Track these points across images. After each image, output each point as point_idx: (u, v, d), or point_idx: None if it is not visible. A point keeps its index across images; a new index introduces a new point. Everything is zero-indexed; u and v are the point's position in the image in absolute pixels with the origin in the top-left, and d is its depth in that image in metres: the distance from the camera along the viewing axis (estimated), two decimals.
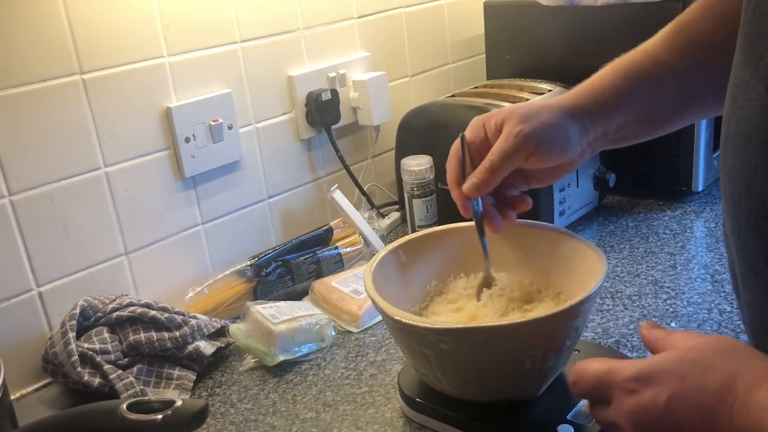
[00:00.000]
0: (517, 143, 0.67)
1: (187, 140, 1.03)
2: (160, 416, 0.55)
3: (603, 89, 0.70)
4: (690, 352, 0.52)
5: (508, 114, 0.69)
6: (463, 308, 0.77)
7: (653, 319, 0.90)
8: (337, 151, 1.23)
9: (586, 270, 0.71)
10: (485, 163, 0.69)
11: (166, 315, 0.90)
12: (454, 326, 0.65)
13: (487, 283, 0.78)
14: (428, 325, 0.65)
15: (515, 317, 0.73)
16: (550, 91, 1.19)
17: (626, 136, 0.72)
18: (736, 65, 0.52)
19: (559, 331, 0.66)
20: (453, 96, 1.24)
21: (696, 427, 0.49)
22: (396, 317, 0.67)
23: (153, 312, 0.89)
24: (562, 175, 0.74)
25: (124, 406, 0.55)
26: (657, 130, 0.74)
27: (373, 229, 1.18)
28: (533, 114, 0.68)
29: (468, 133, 0.72)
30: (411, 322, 0.66)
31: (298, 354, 0.92)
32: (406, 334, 0.68)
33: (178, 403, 0.55)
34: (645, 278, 1.00)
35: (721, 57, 0.66)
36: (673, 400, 0.50)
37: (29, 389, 0.92)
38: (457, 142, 0.72)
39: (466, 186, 0.70)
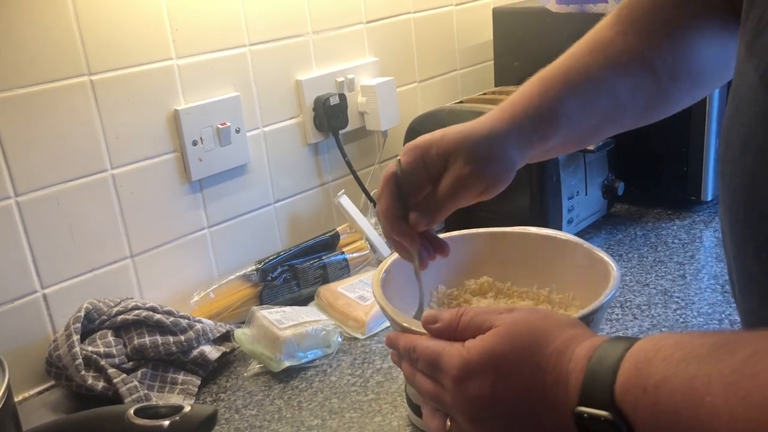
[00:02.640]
0: (469, 184, 0.65)
1: (195, 143, 1.02)
2: (167, 422, 0.54)
3: (541, 112, 0.67)
4: (499, 340, 0.50)
5: (455, 147, 0.65)
6: None
7: (664, 330, 0.89)
8: (344, 156, 1.22)
9: (597, 279, 0.70)
10: (439, 199, 0.66)
11: (171, 319, 0.89)
12: None
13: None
14: None
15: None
16: None
17: (549, 152, 0.71)
18: (738, 74, 0.52)
19: None
20: (461, 102, 1.24)
21: (523, 413, 0.48)
22: (405, 324, 0.66)
23: (158, 316, 0.89)
24: (491, 196, 0.69)
25: (132, 411, 0.54)
26: (578, 146, 0.75)
27: (380, 235, 1.17)
28: (481, 150, 0.65)
29: (404, 160, 0.67)
30: (421, 329, 0.65)
31: (304, 360, 0.91)
32: None
33: (187, 408, 0.54)
34: (654, 288, 1.00)
35: (645, 74, 0.67)
36: (496, 389, 0.49)
37: (32, 392, 0.91)
38: (387, 172, 0.67)
39: (415, 217, 0.66)
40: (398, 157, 0.67)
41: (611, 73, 0.68)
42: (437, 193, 0.66)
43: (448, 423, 0.54)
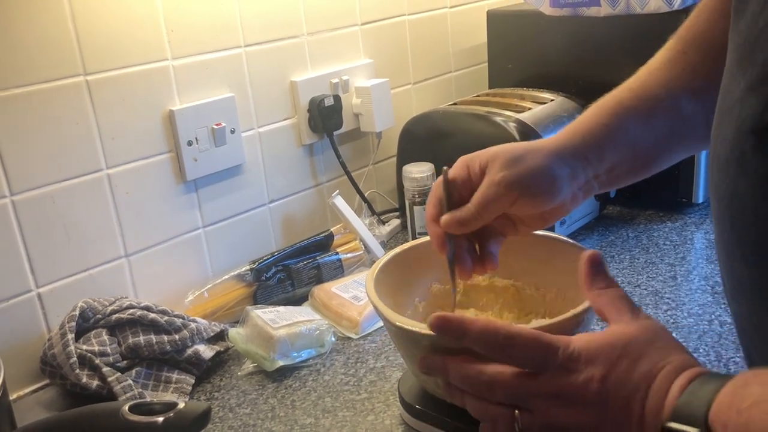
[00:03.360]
0: (498, 191, 0.64)
1: (190, 143, 1.03)
2: (161, 418, 0.54)
3: (592, 128, 0.67)
4: (623, 339, 0.53)
5: (493, 157, 0.66)
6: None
7: None
8: (338, 157, 1.23)
9: None
10: (467, 209, 0.66)
11: (166, 318, 0.90)
12: None
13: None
14: (431, 332, 0.65)
15: (519, 325, 0.73)
16: (552, 100, 1.19)
17: (619, 176, 0.70)
18: (722, 89, 0.53)
19: None
20: (455, 104, 1.24)
21: (618, 411, 0.50)
22: (398, 323, 0.66)
23: (152, 315, 0.89)
24: (551, 221, 0.70)
25: (126, 408, 0.54)
26: (648, 169, 0.72)
27: (374, 235, 1.18)
28: (519, 158, 0.65)
29: (452, 170, 0.68)
30: (414, 329, 0.66)
31: (298, 359, 0.92)
32: (409, 341, 0.68)
33: (181, 405, 0.55)
34: (645, 289, 1.00)
35: (709, 89, 0.67)
36: (608, 379, 0.50)
37: (27, 390, 0.92)
38: (438, 180, 0.69)
39: (444, 218, 0.66)
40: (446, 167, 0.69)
41: (673, 90, 0.68)
42: (472, 199, 0.66)
43: (517, 413, 0.53)
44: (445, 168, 0.68)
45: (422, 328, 0.66)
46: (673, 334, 0.88)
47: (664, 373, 0.49)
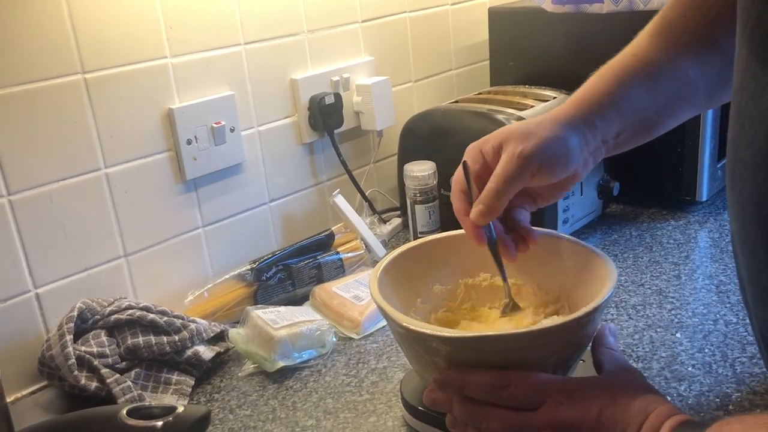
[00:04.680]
0: (519, 164, 0.65)
1: (189, 142, 1.02)
2: (160, 423, 0.54)
3: (599, 96, 0.69)
4: (617, 378, 0.62)
5: (506, 136, 0.67)
6: (478, 317, 0.76)
7: (659, 330, 0.89)
8: (339, 155, 1.22)
9: (594, 278, 0.70)
10: (490, 189, 0.66)
11: (165, 319, 0.89)
12: (465, 335, 0.64)
13: (513, 307, 0.76)
14: (440, 334, 0.64)
15: (527, 326, 0.72)
16: (554, 98, 1.18)
17: (625, 141, 0.71)
18: (739, 93, 0.52)
19: (569, 340, 0.65)
20: (456, 102, 1.23)
21: None
22: (404, 324, 0.65)
23: (152, 315, 0.88)
24: (567, 189, 0.73)
25: (124, 412, 0.54)
26: (653, 132, 0.73)
27: (375, 234, 1.17)
28: (531, 132, 0.66)
29: (467, 157, 0.70)
30: (422, 330, 0.65)
31: (299, 360, 0.91)
32: (415, 342, 0.67)
33: (180, 409, 0.54)
34: (649, 288, 1.00)
35: (710, 50, 0.67)
36: (603, 413, 0.55)
37: (25, 392, 0.91)
38: (458, 173, 0.70)
39: (473, 213, 0.68)
40: (463, 159, 0.70)
41: (674, 53, 0.69)
42: (491, 180, 0.66)
43: None
44: (465, 160, 0.69)
45: (429, 329, 0.65)
46: (678, 334, 0.88)
47: (655, 413, 0.54)
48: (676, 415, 0.54)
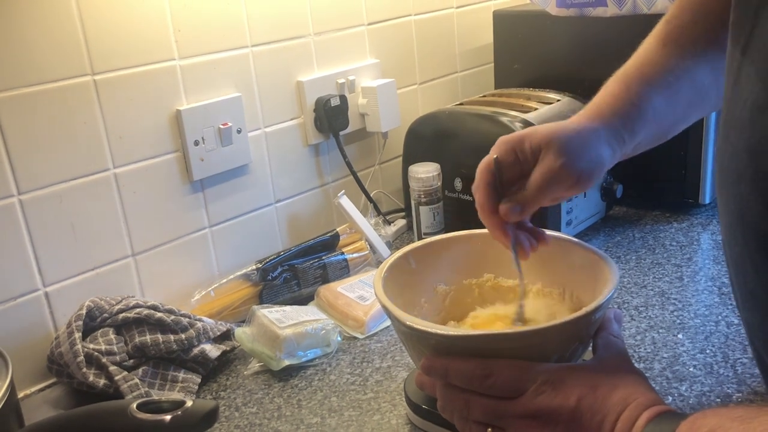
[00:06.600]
0: (560, 177, 0.66)
1: (196, 143, 1.03)
2: (168, 417, 0.54)
3: (626, 109, 0.69)
4: (602, 365, 0.60)
5: (547, 140, 0.66)
6: (478, 315, 0.77)
7: (661, 330, 0.90)
8: (344, 157, 1.23)
9: (597, 278, 0.71)
10: (531, 194, 0.67)
11: (173, 317, 0.90)
12: (470, 333, 0.64)
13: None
14: (443, 332, 0.65)
15: (531, 324, 0.73)
16: (558, 101, 1.19)
17: (640, 148, 0.72)
18: (726, 102, 0.53)
19: (573, 339, 0.66)
20: (461, 104, 1.24)
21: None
22: (408, 323, 0.66)
23: (159, 314, 0.89)
24: (582, 191, 0.74)
25: (134, 406, 0.54)
26: (666, 137, 0.74)
27: (380, 235, 1.18)
28: (573, 143, 0.66)
29: (498, 152, 0.69)
30: (425, 328, 0.65)
31: (304, 359, 0.92)
32: (419, 340, 0.68)
33: (189, 403, 0.55)
34: (652, 289, 1.00)
35: (723, 55, 0.67)
36: (582, 402, 0.56)
37: (34, 389, 0.92)
38: (483, 165, 0.69)
39: (506, 208, 0.67)
40: (492, 153, 0.69)
41: (690, 61, 0.69)
42: (528, 186, 0.67)
43: (489, 430, 0.59)
44: (495, 157, 0.68)
45: (432, 328, 0.66)
46: (680, 335, 0.88)
47: (635, 404, 0.54)
48: (654, 406, 0.54)
